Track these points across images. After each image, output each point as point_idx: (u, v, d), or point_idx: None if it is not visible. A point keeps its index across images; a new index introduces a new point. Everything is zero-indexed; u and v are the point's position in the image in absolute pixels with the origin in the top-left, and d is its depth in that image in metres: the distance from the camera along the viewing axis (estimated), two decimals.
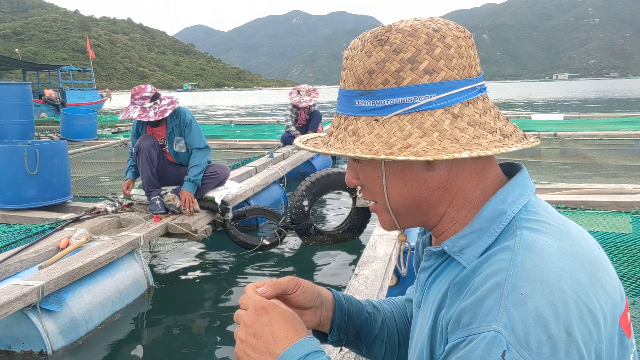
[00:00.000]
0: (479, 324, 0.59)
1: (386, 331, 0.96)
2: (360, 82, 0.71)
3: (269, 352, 0.71)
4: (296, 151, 7.65)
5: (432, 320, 0.72)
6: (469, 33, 0.73)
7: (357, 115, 0.71)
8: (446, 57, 0.68)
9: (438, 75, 0.68)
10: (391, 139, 0.68)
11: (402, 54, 0.68)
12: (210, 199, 4.36)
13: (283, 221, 4.62)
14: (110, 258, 3.38)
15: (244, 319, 0.74)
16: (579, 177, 5.98)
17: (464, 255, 0.69)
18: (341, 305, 0.92)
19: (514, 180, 0.73)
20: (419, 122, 0.67)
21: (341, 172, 4.90)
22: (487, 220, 0.69)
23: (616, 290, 0.65)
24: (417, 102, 0.68)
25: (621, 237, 3.33)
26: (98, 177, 6.97)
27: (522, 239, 0.64)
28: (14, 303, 2.64)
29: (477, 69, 0.72)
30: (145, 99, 4.01)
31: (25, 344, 2.84)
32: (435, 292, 0.74)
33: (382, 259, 2.72)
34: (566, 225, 0.69)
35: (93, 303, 3.17)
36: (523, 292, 0.58)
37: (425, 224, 0.78)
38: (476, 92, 0.70)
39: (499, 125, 0.71)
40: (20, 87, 10.35)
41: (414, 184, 0.72)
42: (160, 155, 4.25)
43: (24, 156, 4.33)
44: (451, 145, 0.66)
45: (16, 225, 4.18)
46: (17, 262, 3.26)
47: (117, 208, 4.27)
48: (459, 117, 0.68)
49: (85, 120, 11.02)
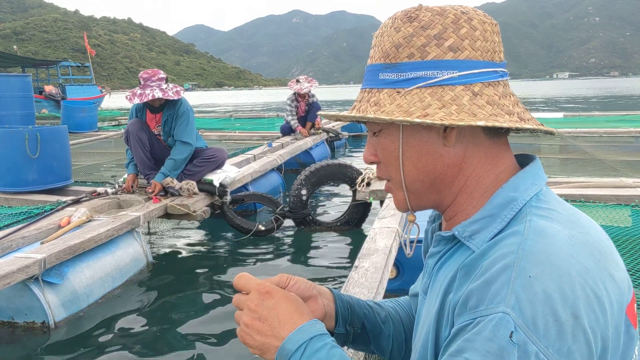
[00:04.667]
0: (487, 306, 0.60)
1: (392, 326, 0.97)
2: (387, 55, 0.73)
3: (274, 335, 0.72)
4: (294, 141, 7.71)
5: (439, 304, 0.72)
6: (496, 22, 0.75)
7: (381, 87, 0.74)
8: (471, 37, 0.71)
9: (462, 54, 0.70)
10: (410, 108, 0.70)
11: (429, 30, 0.71)
12: (208, 181, 4.42)
13: (281, 209, 4.65)
14: (110, 235, 3.44)
15: (248, 303, 0.75)
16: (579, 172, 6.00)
17: (474, 240, 0.70)
18: (341, 297, 0.93)
19: (527, 169, 0.74)
20: (439, 95, 0.70)
21: (341, 163, 4.92)
22: (499, 207, 0.70)
23: (624, 280, 0.66)
24: (439, 76, 0.70)
25: (621, 230, 3.34)
26: (99, 166, 7.02)
27: (532, 224, 0.65)
28: (16, 274, 2.70)
29: (501, 56, 0.74)
30: (162, 80, 4.15)
31: (27, 315, 2.90)
32: (442, 276, 0.74)
33: (382, 251, 2.72)
34: (576, 215, 0.70)
35: (93, 278, 3.23)
36: (532, 274, 0.59)
37: (438, 204, 0.79)
38: (497, 75, 0.72)
39: (517, 110, 0.72)
40: (20, 78, 10.42)
41: (430, 158, 0.73)
42: (153, 139, 4.31)
43: (25, 140, 4.38)
44: (468, 118, 0.68)
45: (17, 207, 4.24)
46: (19, 239, 3.32)
47: (117, 190, 4.32)
48: (479, 95, 0.70)
49: (85, 112, 11.08)
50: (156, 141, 4.35)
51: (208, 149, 4.50)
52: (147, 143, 4.24)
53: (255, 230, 4.50)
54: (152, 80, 4.07)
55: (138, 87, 4.12)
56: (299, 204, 4.73)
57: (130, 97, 4.08)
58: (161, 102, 4.23)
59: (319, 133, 8.34)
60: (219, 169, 4.51)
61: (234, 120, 13.84)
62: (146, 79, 4.08)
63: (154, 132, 4.37)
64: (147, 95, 4.00)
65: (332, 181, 4.99)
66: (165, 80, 4.15)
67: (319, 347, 0.69)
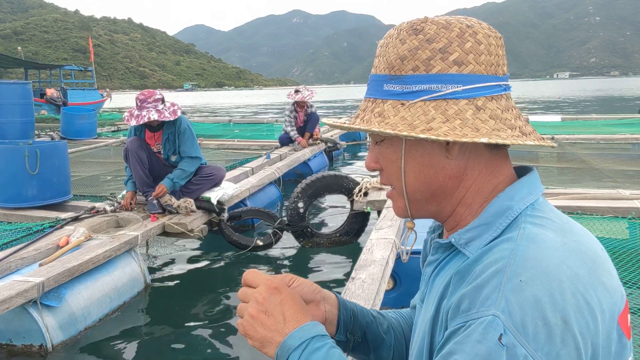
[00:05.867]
0: (478, 309, 0.61)
1: (393, 337, 0.97)
2: (391, 67, 0.74)
3: (277, 331, 0.74)
4: (293, 152, 7.75)
5: (434, 310, 0.73)
6: (500, 35, 0.76)
7: (385, 98, 0.74)
8: (476, 52, 0.71)
9: (466, 68, 0.71)
10: (415, 121, 0.71)
11: (435, 44, 0.71)
12: (206, 199, 4.46)
13: (279, 223, 4.67)
14: (108, 256, 3.48)
15: (256, 295, 0.77)
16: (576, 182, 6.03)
17: (469, 247, 0.72)
18: (345, 304, 0.92)
19: (524, 179, 0.75)
20: (443, 109, 0.70)
21: (337, 174, 4.90)
22: (494, 215, 0.71)
23: (616, 289, 0.66)
24: (443, 90, 0.71)
25: (618, 243, 3.35)
26: (97, 177, 7.06)
27: (525, 231, 0.66)
28: (15, 298, 2.74)
29: (504, 69, 0.75)
30: (158, 101, 4.19)
31: (25, 338, 2.94)
32: (439, 283, 0.75)
33: (379, 262, 2.74)
34: (570, 224, 0.71)
35: (91, 299, 3.27)
36: (522, 279, 0.60)
37: (438, 214, 0.80)
38: (500, 89, 0.73)
39: (519, 124, 0.73)
40: (20, 86, 10.43)
41: (432, 170, 0.74)
42: (153, 157, 4.36)
43: (25, 156, 4.42)
44: (471, 133, 0.69)
45: (17, 224, 4.28)
46: (18, 260, 3.36)
47: (116, 207, 4.36)
48: (482, 109, 0.71)
49: (85, 119, 11.12)
50: (155, 159, 4.39)
51: (206, 167, 4.54)
52: (146, 161, 4.28)
53: (253, 245, 4.54)
54: (148, 102, 4.11)
55: (135, 107, 4.16)
56: (297, 216, 4.71)
57: (127, 118, 4.13)
58: (159, 122, 4.28)
59: (317, 143, 8.38)
60: (216, 186, 4.55)
61: (233, 125, 13.88)
62: (142, 100, 4.12)
63: (153, 150, 4.41)
64: (143, 117, 4.05)
65: (329, 192, 4.96)
66: (161, 101, 4.19)
67: (318, 346, 0.71)
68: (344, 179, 4.88)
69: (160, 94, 4.25)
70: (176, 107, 4.27)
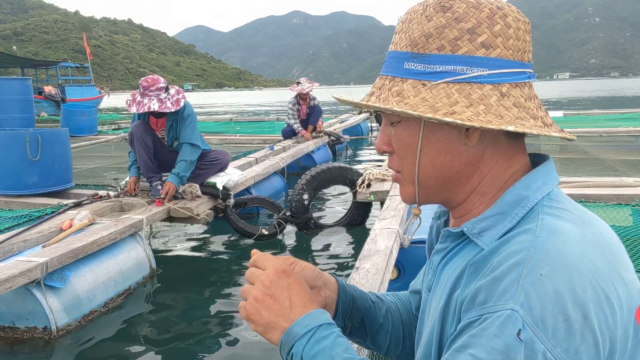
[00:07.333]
0: (495, 303, 0.59)
1: (391, 322, 0.96)
2: (414, 44, 0.70)
3: (283, 316, 0.71)
4: (296, 144, 7.70)
5: (445, 300, 0.71)
6: (528, 20, 0.73)
7: (405, 77, 0.70)
8: (504, 35, 0.68)
9: (494, 52, 0.68)
10: (437, 104, 0.67)
11: (463, 24, 0.68)
12: (211, 184, 4.40)
13: (283, 214, 4.64)
14: (113, 239, 3.41)
15: (262, 278, 0.74)
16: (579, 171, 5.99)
17: (482, 238, 0.69)
18: (345, 289, 0.91)
19: (539, 168, 0.72)
20: (467, 93, 0.67)
21: (341, 166, 4.97)
22: (509, 205, 0.69)
23: (633, 283, 0.64)
24: (468, 73, 0.67)
25: (621, 230, 3.32)
26: (99, 169, 7.01)
27: (544, 222, 0.64)
28: (18, 278, 2.67)
29: (529, 56, 0.72)
30: (161, 90, 4.03)
31: (29, 320, 2.88)
32: (448, 273, 0.73)
33: (383, 252, 2.73)
34: (588, 215, 0.69)
35: (96, 282, 3.21)
36: (543, 272, 0.58)
37: (448, 201, 0.77)
38: (525, 77, 0.70)
39: (541, 114, 0.71)
40: (20, 82, 10.42)
41: (449, 156, 0.71)
42: (157, 142, 4.28)
43: (26, 142, 4.36)
44: (495, 120, 0.66)
45: (17, 210, 4.22)
46: (20, 242, 3.29)
47: (119, 193, 4.30)
48: (506, 96, 0.68)
49: (85, 116, 11.06)
50: (160, 144, 4.32)
51: (211, 152, 4.48)
52: (152, 146, 4.21)
53: (258, 234, 4.49)
54: (151, 90, 3.99)
55: (138, 93, 4.08)
56: (301, 208, 4.75)
57: (130, 103, 4.04)
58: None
59: (320, 136, 8.33)
60: (222, 171, 4.49)
61: (235, 123, 13.82)
62: (145, 87, 4.01)
63: (158, 136, 4.34)
64: (144, 106, 3.94)
65: (333, 184, 5.03)
66: (165, 89, 4.05)
67: (325, 334, 0.69)
68: (348, 171, 4.94)
69: (165, 82, 4.13)
70: (180, 97, 4.12)
